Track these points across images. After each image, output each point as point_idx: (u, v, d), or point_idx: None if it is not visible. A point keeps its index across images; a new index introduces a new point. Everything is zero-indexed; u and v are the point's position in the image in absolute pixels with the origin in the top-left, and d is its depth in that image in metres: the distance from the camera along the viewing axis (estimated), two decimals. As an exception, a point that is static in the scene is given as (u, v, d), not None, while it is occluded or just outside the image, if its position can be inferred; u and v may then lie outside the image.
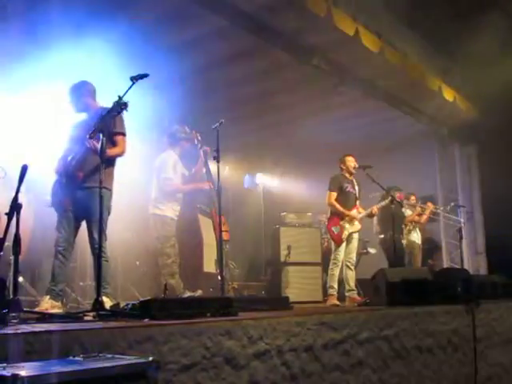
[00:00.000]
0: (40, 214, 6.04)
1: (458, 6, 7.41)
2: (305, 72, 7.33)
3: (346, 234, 6.79)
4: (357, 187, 7.12)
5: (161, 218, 6.05)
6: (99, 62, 6.39)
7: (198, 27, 6.18)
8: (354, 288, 6.79)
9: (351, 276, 6.82)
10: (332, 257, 6.88)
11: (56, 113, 6.80)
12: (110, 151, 4.45)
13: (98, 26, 5.82)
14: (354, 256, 6.96)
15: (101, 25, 5.84)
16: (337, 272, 6.80)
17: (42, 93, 6.35)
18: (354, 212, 6.92)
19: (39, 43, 5.86)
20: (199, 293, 5.91)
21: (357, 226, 6.93)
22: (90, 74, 5.65)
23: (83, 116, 4.86)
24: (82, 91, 4.79)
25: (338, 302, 6.66)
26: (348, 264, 6.84)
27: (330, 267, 6.84)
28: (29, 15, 5.57)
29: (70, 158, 4.68)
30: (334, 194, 6.90)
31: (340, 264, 6.81)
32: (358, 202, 7.10)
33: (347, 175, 7.08)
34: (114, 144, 4.51)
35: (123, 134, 4.58)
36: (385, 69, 7.49)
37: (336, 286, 6.78)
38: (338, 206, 6.84)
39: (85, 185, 4.53)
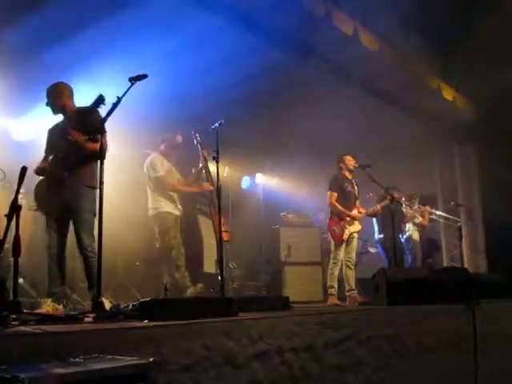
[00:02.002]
0: (40, 215, 6.04)
1: (458, 5, 7.41)
2: (304, 72, 7.33)
3: (346, 233, 6.81)
4: (356, 187, 7.13)
5: (158, 214, 6.09)
6: (98, 62, 6.41)
7: (196, 27, 6.17)
8: (354, 287, 6.80)
9: (351, 275, 6.83)
10: (332, 256, 6.90)
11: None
12: (92, 146, 4.39)
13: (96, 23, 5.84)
14: (353, 256, 6.97)
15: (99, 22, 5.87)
16: (337, 272, 6.81)
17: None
18: (354, 212, 6.94)
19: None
20: (200, 286, 5.93)
21: (357, 226, 6.95)
22: (89, 75, 5.68)
23: (60, 118, 4.85)
24: (60, 92, 4.76)
25: (338, 302, 6.66)
26: (348, 264, 6.85)
27: (330, 267, 6.85)
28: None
29: (51, 157, 4.70)
30: (335, 195, 6.92)
31: (340, 264, 6.82)
32: (357, 202, 7.11)
33: (347, 174, 7.09)
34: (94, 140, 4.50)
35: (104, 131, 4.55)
36: (384, 68, 7.49)
37: (336, 285, 6.79)
38: (339, 206, 6.86)
39: (68, 184, 4.52)
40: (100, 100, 4.03)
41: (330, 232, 6.93)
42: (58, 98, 4.75)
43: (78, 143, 4.42)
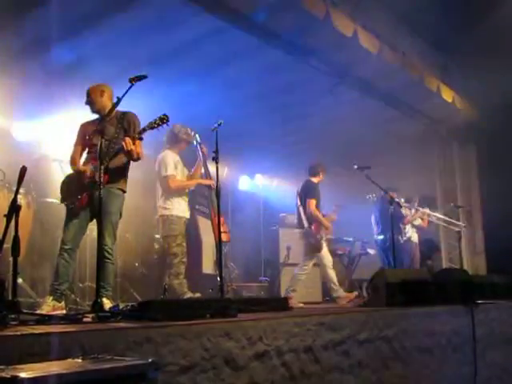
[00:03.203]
0: (39, 216, 6.05)
1: (458, 6, 7.42)
2: (304, 73, 7.33)
3: (324, 240, 7.07)
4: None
5: (166, 217, 6.01)
6: (100, 63, 6.41)
7: (197, 28, 6.18)
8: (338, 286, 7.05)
9: (334, 275, 7.10)
10: (306, 262, 7.10)
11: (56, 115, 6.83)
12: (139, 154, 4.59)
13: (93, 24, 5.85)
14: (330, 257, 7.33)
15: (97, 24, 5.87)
16: (304, 277, 7.15)
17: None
18: (327, 220, 7.21)
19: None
20: (197, 296, 5.90)
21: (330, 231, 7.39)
22: (90, 76, 5.67)
23: (96, 116, 4.86)
24: (102, 92, 4.81)
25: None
26: (330, 265, 7.13)
27: (300, 273, 7.14)
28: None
29: (87, 155, 4.73)
30: (315, 202, 7.11)
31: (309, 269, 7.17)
32: None
33: (317, 182, 7.36)
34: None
35: (141, 139, 4.62)
36: (383, 69, 7.49)
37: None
38: (320, 215, 7.18)
39: (105, 185, 4.51)
40: (165, 119, 4.25)
41: (315, 239, 7.04)
42: (99, 97, 4.79)
43: (128, 151, 4.46)
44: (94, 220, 4.59)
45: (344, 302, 6.70)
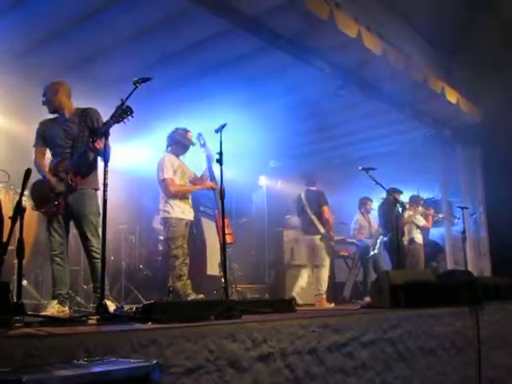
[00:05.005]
0: (43, 218, 6.06)
1: (461, 7, 7.41)
2: (307, 74, 7.33)
3: None
4: None
5: (167, 220, 6.00)
6: (103, 64, 6.43)
7: (200, 30, 6.19)
8: None
9: None
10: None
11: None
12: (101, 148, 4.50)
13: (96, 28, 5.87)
14: None
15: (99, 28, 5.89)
16: None
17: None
18: None
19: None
20: (201, 297, 5.89)
21: None
22: (94, 78, 5.69)
23: (55, 115, 4.87)
24: (56, 90, 4.78)
25: None
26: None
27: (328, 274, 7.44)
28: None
29: (55, 158, 4.73)
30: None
31: None
32: None
33: None
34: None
35: (108, 134, 4.59)
36: (387, 71, 7.48)
37: None
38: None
39: (75, 187, 4.55)
40: (129, 111, 3.87)
41: (334, 242, 7.64)
42: (54, 95, 4.76)
43: (99, 152, 4.40)
44: (98, 221, 4.62)
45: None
